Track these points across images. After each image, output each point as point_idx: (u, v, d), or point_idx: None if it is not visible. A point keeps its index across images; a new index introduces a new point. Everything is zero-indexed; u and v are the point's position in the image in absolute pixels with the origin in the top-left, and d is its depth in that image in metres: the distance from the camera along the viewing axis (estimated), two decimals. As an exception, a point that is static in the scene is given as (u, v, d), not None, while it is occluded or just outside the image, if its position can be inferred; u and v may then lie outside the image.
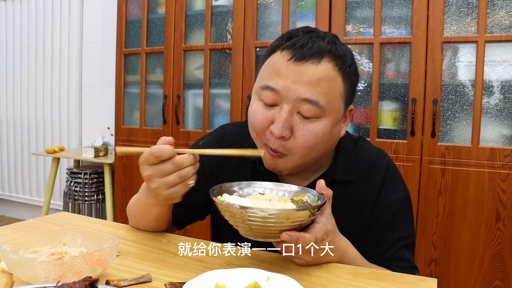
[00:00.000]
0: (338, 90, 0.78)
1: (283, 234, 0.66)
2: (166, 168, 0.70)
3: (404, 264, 0.85)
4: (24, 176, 3.67)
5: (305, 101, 0.75)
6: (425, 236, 1.83)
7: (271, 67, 0.78)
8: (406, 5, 1.86)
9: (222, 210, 0.69)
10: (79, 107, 3.37)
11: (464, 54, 1.79)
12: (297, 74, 0.74)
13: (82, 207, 2.94)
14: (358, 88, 1.95)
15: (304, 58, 0.74)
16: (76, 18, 3.30)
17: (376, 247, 0.87)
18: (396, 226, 0.87)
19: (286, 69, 0.75)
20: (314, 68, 0.74)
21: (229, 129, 1.00)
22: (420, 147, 1.83)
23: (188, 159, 0.71)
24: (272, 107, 0.78)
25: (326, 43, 0.77)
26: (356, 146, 0.93)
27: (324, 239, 0.71)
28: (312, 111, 0.75)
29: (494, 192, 1.72)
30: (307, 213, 0.66)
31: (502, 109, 1.73)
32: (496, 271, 1.73)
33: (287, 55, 0.76)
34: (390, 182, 0.89)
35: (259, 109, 0.79)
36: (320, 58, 0.75)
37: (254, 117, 0.80)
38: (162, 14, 2.44)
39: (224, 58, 2.29)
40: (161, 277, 0.68)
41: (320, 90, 0.75)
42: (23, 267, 0.60)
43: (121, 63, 2.59)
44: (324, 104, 0.75)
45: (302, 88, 0.74)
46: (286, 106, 0.76)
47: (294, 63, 0.75)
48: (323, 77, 0.75)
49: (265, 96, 0.78)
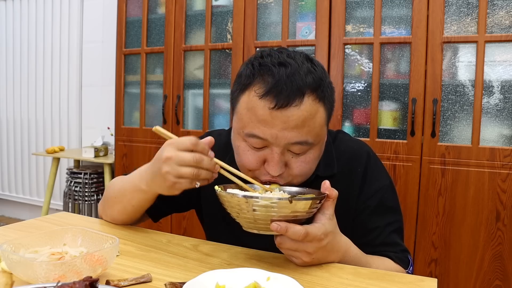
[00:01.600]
0: (322, 121, 0.78)
1: (273, 224, 0.67)
2: (187, 158, 0.71)
3: (396, 249, 0.88)
4: (24, 176, 3.67)
5: (295, 143, 0.76)
6: (425, 236, 1.83)
7: (254, 115, 0.75)
8: (406, 5, 1.86)
9: (224, 202, 0.71)
10: (79, 107, 3.37)
11: (464, 54, 1.79)
12: (283, 121, 0.73)
13: (82, 207, 2.94)
14: (358, 88, 1.96)
15: (288, 104, 0.72)
16: (76, 18, 3.30)
17: (367, 235, 0.89)
18: (383, 212, 0.90)
19: (270, 118, 0.73)
20: (297, 110, 0.73)
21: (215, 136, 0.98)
22: (420, 147, 1.83)
23: (208, 161, 0.73)
24: (261, 149, 0.78)
25: (304, 75, 0.74)
26: (336, 139, 0.96)
27: (322, 239, 0.71)
28: (303, 149, 0.77)
29: (494, 192, 1.72)
30: (308, 204, 0.67)
31: (502, 109, 1.73)
32: (496, 271, 1.73)
33: (269, 103, 0.73)
34: (372, 171, 0.92)
35: (249, 150, 0.79)
36: (302, 97, 0.73)
37: (246, 157, 0.79)
38: (162, 14, 2.44)
39: (224, 58, 2.29)
40: (161, 277, 0.69)
41: (307, 130, 0.75)
42: (23, 267, 0.60)
43: (121, 63, 2.60)
44: (313, 140, 0.77)
45: (291, 134, 0.74)
46: (277, 149, 0.76)
47: (277, 110, 0.73)
48: (307, 116, 0.74)
49: (253, 142, 0.78)
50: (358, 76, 1.97)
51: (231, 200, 0.69)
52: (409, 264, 0.89)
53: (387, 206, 0.91)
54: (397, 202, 0.94)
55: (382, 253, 0.87)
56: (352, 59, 1.98)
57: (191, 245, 0.85)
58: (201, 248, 0.83)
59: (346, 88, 1.99)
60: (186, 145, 0.72)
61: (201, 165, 0.72)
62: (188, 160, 0.71)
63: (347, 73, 1.98)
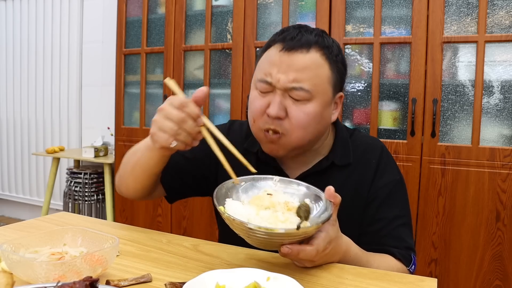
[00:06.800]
0: (325, 76, 0.85)
1: (284, 248, 0.66)
2: (172, 113, 0.74)
3: (400, 244, 0.90)
4: (24, 176, 3.67)
5: (293, 88, 0.83)
6: (425, 236, 1.83)
7: (267, 60, 0.87)
8: (406, 5, 1.86)
9: (225, 220, 0.68)
10: (79, 107, 3.37)
11: (464, 54, 1.79)
12: (288, 64, 0.83)
13: (82, 207, 2.94)
14: (358, 88, 1.96)
15: (294, 48, 0.83)
16: (76, 18, 3.30)
17: (373, 224, 0.92)
18: (391, 204, 0.93)
19: (278, 60, 0.84)
20: (302, 56, 0.83)
21: (237, 125, 1.07)
22: (420, 147, 1.83)
23: (191, 124, 0.75)
24: (267, 94, 0.86)
25: (314, 35, 0.85)
26: (353, 135, 1.01)
27: (326, 248, 0.71)
28: (301, 95, 0.83)
29: (494, 192, 1.72)
30: (311, 230, 0.66)
31: (502, 109, 1.73)
32: (496, 271, 1.73)
33: (279, 47, 0.84)
34: (385, 164, 0.96)
35: (257, 97, 0.87)
36: (308, 48, 0.83)
37: (253, 104, 0.88)
38: (162, 14, 2.44)
39: (224, 58, 2.29)
40: (161, 277, 0.69)
41: (305, 76, 0.82)
42: (24, 267, 0.60)
43: (121, 63, 2.60)
44: (309, 88, 0.83)
45: (291, 76, 0.82)
46: (279, 91, 0.84)
47: (285, 53, 0.83)
48: (310, 64, 0.83)
49: (260, 87, 0.86)
50: (358, 76, 1.98)
51: (231, 223, 0.66)
52: (411, 263, 0.89)
53: (396, 200, 0.94)
54: (406, 199, 0.97)
55: (385, 247, 0.89)
56: (352, 59, 1.98)
57: (191, 245, 0.85)
58: (201, 248, 0.83)
59: (346, 88, 1.99)
60: (177, 103, 0.75)
61: (182, 125, 0.75)
62: (172, 115, 0.74)
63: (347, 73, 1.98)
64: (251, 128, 0.91)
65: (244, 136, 1.01)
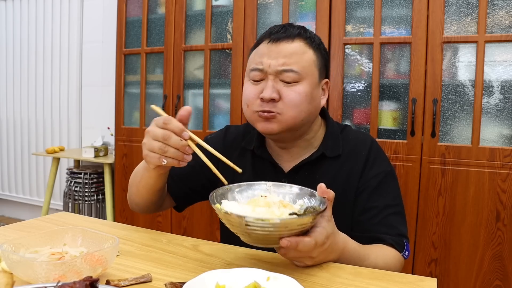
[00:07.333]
0: (310, 59, 0.94)
1: (283, 240, 0.66)
2: (157, 132, 0.77)
3: (392, 231, 0.92)
4: (24, 176, 3.67)
5: (283, 70, 0.91)
6: (425, 236, 1.83)
7: (256, 54, 0.96)
8: (406, 5, 1.86)
9: (221, 218, 0.68)
10: (79, 107, 3.37)
11: (464, 54, 1.79)
12: (276, 52, 0.92)
13: (82, 207, 2.94)
14: (358, 88, 1.96)
15: (280, 39, 0.92)
16: (76, 18, 3.30)
17: (365, 213, 0.95)
18: (382, 194, 0.96)
19: (267, 50, 0.93)
20: (288, 45, 0.92)
21: (233, 129, 1.13)
22: (420, 147, 1.83)
23: (176, 139, 0.77)
24: (259, 82, 0.93)
25: (297, 29, 0.95)
26: (344, 130, 1.06)
27: (324, 243, 0.72)
28: (291, 77, 0.91)
29: (494, 192, 1.72)
30: (307, 220, 0.66)
31: (502, 109, 1.73)
32: (496, 271, 1.73)
33: (267, 41, 0.94)
34: (375, 156, 1.00)
35: (250, 85, 0.95)
36: (293, 38, 0.93)
37: (247, 92, 0.95)
38: (162, 14, 2.44)
39: (224, 58, 2.29)
40: (161, 277, 0.69)
41: (293, 61, 0.91)
42: (24, 267, 0.60)
43: (121, 63, 2.60)
44: (298, 70, 0.91)
45: (281, 61, 0.91)
46: (271, 77, 0.92)
47: (273, 44, 0.93)
48: (296, 50, 0.92)
49: (253, 76, 0.94)
50: (358, 76, 1.98)
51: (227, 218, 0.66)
52: (405, 249, 0.91)
53: (387, 190, 0.97)
54: (398, 190, 1.00)
55: (377, 235, 0.91)
56: (352, 59, 1.98)
57: (191, 245, 0.85)
58: (201, 248, 0.83)
59: (346, 88, 1.99)
60: (160, 122, 0.78)
61: (168, 141, 0.77)
62: (157, 135, 0.77)
63: (347, 73, 1.98)
64: (245, 114, 0.97)
65: (241, 136, 1.08)
